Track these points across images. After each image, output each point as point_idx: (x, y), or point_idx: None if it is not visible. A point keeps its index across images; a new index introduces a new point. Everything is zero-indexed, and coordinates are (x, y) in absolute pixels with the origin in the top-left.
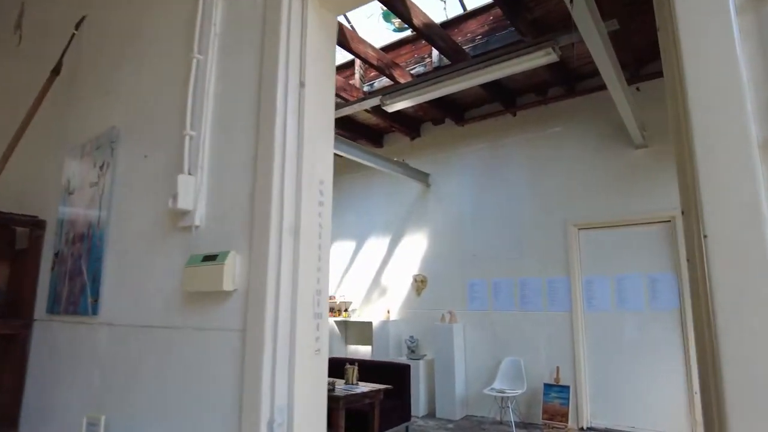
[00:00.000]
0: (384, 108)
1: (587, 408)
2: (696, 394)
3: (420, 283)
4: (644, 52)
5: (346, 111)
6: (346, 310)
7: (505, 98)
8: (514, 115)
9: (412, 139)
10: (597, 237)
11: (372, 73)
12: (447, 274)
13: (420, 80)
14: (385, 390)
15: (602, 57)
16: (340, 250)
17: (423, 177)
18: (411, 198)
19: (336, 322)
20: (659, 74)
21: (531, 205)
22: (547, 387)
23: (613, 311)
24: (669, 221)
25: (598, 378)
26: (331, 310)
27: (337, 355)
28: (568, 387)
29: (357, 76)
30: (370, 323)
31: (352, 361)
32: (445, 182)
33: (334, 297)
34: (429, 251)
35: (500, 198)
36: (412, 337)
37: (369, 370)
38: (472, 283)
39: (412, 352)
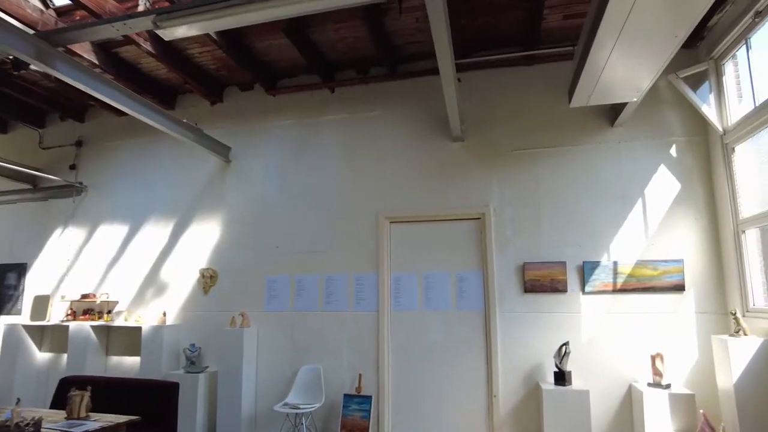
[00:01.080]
0: (160, 32)
1: (389, 419)
2: (495, 397)
3: (209, 279)
4: (470, 39)
5: (107, 32)
6: (109, 313)
7: (324, 71)
8: (333, 91)
9: (213, 103)
10: (409, 231)
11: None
12: (243, 268)
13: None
14: (131, 422)
15: (441, 32)
16: (107, 235)
17: (223, 150)
18: (206, 175)
19: (93, 327)
20: (483, 65)
21: (343, 193)
22: (348, 398)
23: (420, 310)
24: (479, 218)
25: (401, 385)
26: (89, 311)
27: (92, 371)
28: (369, 397)
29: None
30: (139, 329)
31: (84, 384)
32: (249, 159)
33: (94, 296)
34: (223, 240)
35: (310, 183)
36: (193, 345)
37: (124, 392)
38: (271, 279)
39: (192, 363)
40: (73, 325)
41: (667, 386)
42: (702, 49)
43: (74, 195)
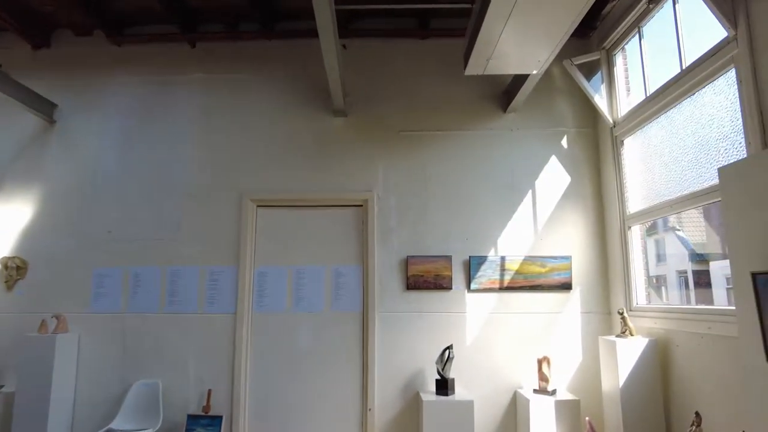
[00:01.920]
0: None
1: None
2: (370, 411)
3: (13, 272)
4: (358, 2)
5: None
6: None
7: (184, 20)
8: (193, 45)
9: (36, 48)
10: (279, 218)
11: None
12: (63, 258)
13: None
14: None
15: None
16: None
17: (45, 107)
18: (18, 137)
19: None
20: (373, 33)
21: (199, 168)
22: (193, 420)
23: (289, 312)
24: (361, 205)
25: (261, 401)
26: None
27: None
28: (220, 417)
29: None
30: None
31: None
32: (80, 122)
33: None
34: (37, 222)
35: (158, 154)
36: None
37: None
38: (100, 272)
39: None
40: None
41: (553, 392)
42: (594, 39)
43: None
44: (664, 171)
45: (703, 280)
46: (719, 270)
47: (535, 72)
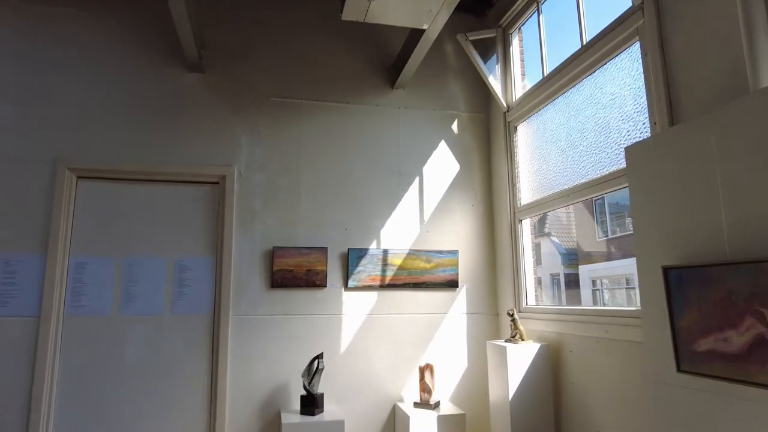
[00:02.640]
0: None
1: None
2: None
3: None
4: None
5: None
6: None
7: None
8: None
9: None
10: (107, 193)
11: None
12: None
13: None
14: None
15: None
16: None
17: None
18: None
19: None
20: None
21: (5, 129)
22: None
23: (116, 315)
24: (217, 182)
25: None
26: None
27: None
28: None
29: None
30: None
31: None
32: None
33: None
34: None
35: None
36: None
37: None
38: None
39: None
40: None
41: (436, 405)
42: (491, 17)
43: None
44: (560, 158)
45: (573, 282)
46: (586, 273)
47: (426, 27)
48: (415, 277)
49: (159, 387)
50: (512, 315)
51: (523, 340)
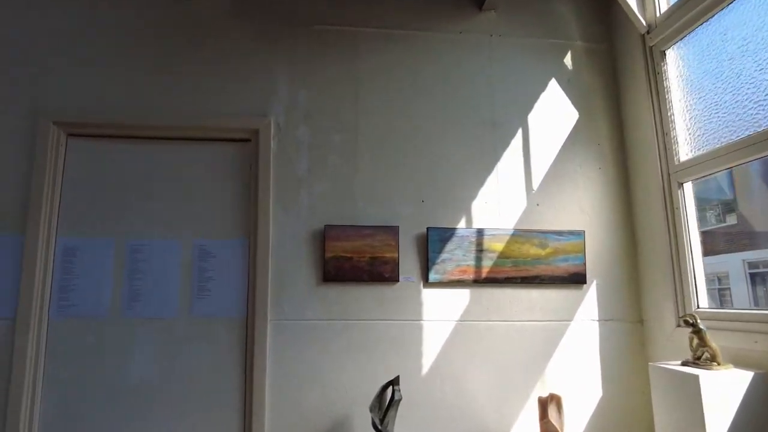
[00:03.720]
0: None
1: None
2: None
3: None
4: None
5: None
6: None
7: None
8: None
9: None
10: (106, 156)
11: None
12: None
13: None
14: None
15: None
16: None
17: None
18: None
19: None
20: None
21: None
22: None
23: (116, 317)
24: (248, 140)
25: None
26: None
27: None
28: None
29: None
30: None
31: None
32: None
33: None
34: None
35: None
36: None
37: None
38: None
39: None
40: None
41: None
42: None
43: None
44: (752, 85)
45: None
46: None
47: None
48: (523, 269)
49: (172, 415)
50: (694, 324)
51: (717, 363)
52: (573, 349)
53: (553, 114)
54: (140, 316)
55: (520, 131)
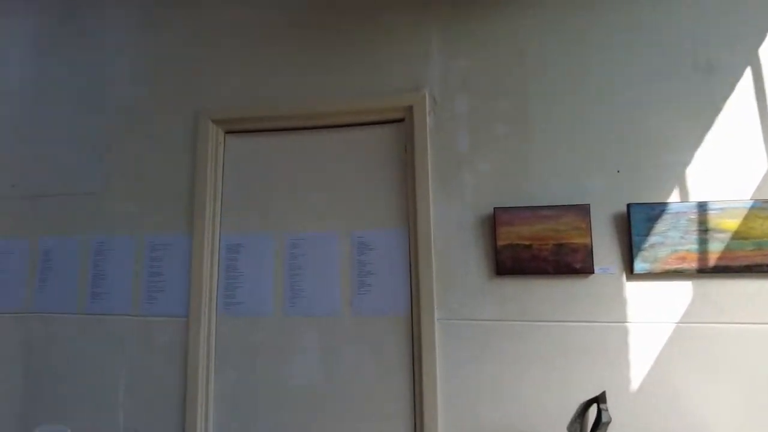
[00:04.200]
0: None
1: None
2: None
3: None
4: None
5: None
6: None
7: None
8: None
9: None
10: (261, 150)
11: None
12: None
13: None
14: None
15: None
16: None
17: None
18: None
19: None
20: None
21: (135, 83)
22: None
23: (280, 316)
24: (401, 119)
25: None
26: None
27: None
28: None
29: None
30: None
31: None
32: None
33: None
34: None
35: (82, 70)
36: None
37: None
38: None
39: None
40: None
41: None
42: None
43: None
44: None
45: None
46: None
47: None
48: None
49: (335, 423)
50: None
51: None
52: None
53: None
54: (302, 315)
55: (747, 73)
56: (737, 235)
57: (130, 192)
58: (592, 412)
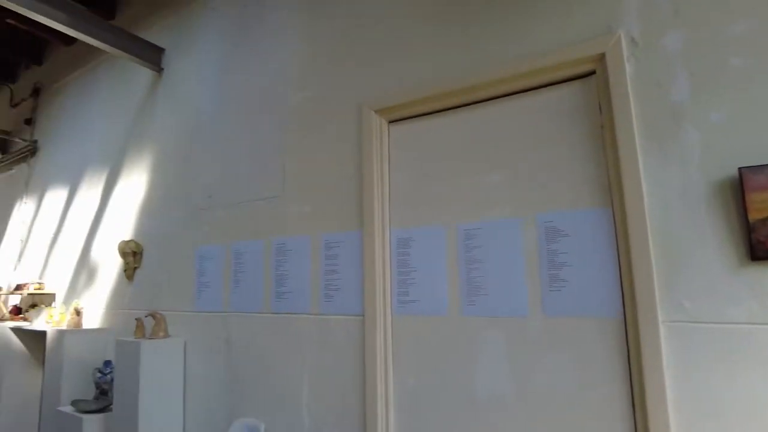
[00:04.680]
0: None
1: None
2: None
3: (131, 258)
4: None
5: None
6: (33, 307)
7: None
8: None
9: None
10: (426, 135)
11: None
12: (170, 237)
13: None
14: None
15: None
16: (51, 205)
17: (153, 55)
18: (136, 99)
19: (16, 330)
20: None
21: (301, 87)
22: None
23: (457, 315)
24: (591, 73)
25: None
26: (34, 306)
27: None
28: None
29: None
30: (43, 334)
31: None
32: (182, 61)
33: (27, 286)
34: (150, 195)
35: (256, 83)
36: (108, 363)
37: None
38: (202, 253)
39: (103, 393)
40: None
41: None
42: None
43: (29, 157)
44: None
45: None
46: None
47: None
48: None
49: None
50: None
51: None
52: None
53: None
54: (482, 315)
55: None
56: None
57: (303, 192)
58: None
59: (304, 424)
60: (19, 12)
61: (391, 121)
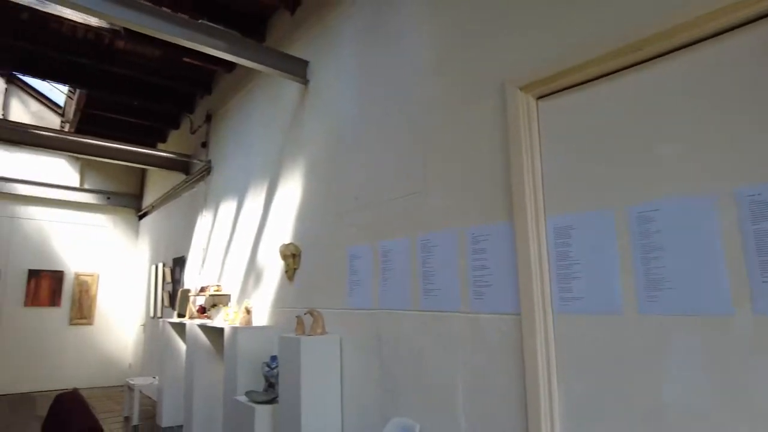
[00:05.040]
0: None
1: None
2: None
3: (291, 260)
4: None
5: None
6: (213, 306)
7: None
8: None
9: (293, 12)
10: (583, 109)
11: None
12: (322, 239)
13: None
14: None
15: None
16: (224, 214)
17: (299, 68)
18: (287, 111)
19: (202, 327)
20: None
21: (440, 68)
22: None
23: (634, 313)
24: None
25: None
26: (215, 306)
27: (205, 383)
28: None
29: None
30: (221, 330)
31: None
32: (325, 71)
33: (219, 287)
34: (304, 200)
35: (391, 75)
36: (274, 358)
37: None
38: (352, 252)
39: (271, 386)
40: (188, 324)
41: None
42: None
43: (205, 176)
44: None
45: None
46: None
47: None
48: None
49: None
50: None
51: None
52: None
53: None
54: (668, 313)
55: None
56: None
57: (446, 185)
58: None
59: (461, 422)
60: (187, 46)
61: (539, 97)
